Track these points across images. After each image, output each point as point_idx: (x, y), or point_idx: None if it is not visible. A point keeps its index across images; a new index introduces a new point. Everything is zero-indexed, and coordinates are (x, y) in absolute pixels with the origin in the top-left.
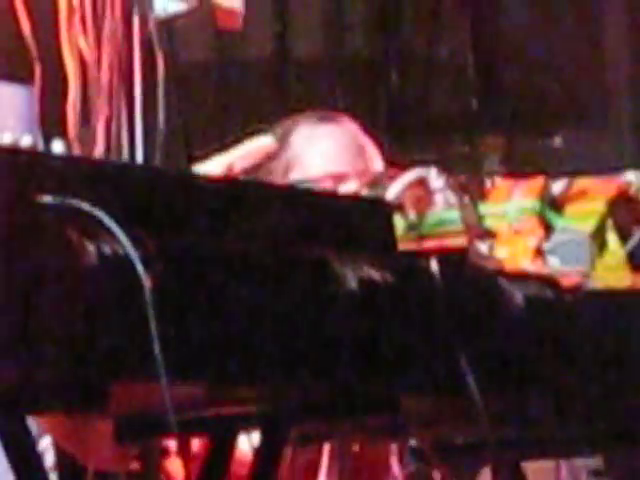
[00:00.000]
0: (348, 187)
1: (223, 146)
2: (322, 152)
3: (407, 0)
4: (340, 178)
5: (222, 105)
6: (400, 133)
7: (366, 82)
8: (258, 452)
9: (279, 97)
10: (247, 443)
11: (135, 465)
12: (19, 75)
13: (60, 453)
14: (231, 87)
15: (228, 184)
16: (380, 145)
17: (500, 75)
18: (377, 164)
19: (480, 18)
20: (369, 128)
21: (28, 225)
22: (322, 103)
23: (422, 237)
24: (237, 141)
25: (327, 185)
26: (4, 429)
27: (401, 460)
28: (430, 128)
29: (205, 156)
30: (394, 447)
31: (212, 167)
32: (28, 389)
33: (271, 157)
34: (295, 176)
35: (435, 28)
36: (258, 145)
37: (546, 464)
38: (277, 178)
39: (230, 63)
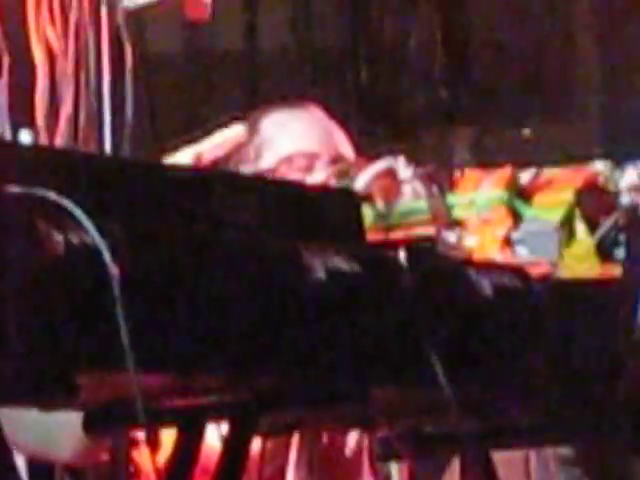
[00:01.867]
0: (316, 177)
1: (193, 137)
2: (292, 133)
3: None
4: (312, 156)
5: (191, 96)
6: (370, 124)
7: (336, 74)
8: (226, 442)
9: (248, 89)
10: (216, 434)
11: (104, 456)
12: None
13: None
14: (200, 79)
15: (196, 174)
16: (348, 132)
17: (469, 66)
18: (346, 148)
19: (449, 9)
20: (337, 116)
21: None
22: (291, 94)
23: (390, 227)
24: (207, 132)
25: (299, 163)
26: None
27: (371, 451)
28: (400, 119)
29: (175, 147)
30: (365, 438)
31: (182, 157)
32: None
33: (241, 146)
34: (267, 159)
35: (404, 19)
36: (229, 135)
37: (515, 454)
38: (248, 164)
39: (199, 55)
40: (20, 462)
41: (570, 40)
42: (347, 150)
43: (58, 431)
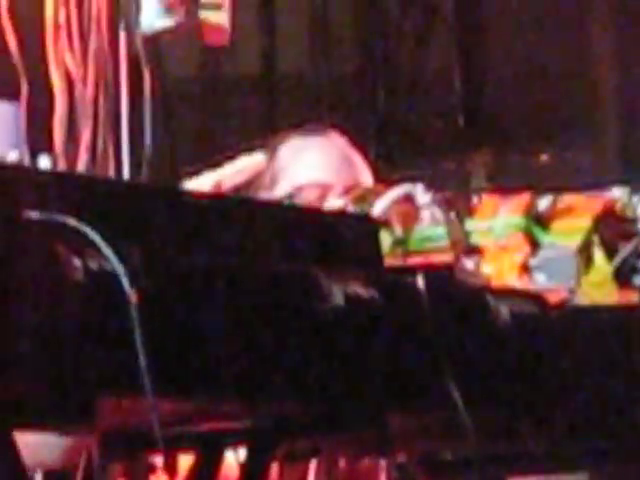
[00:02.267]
0: (334, 202)
1: (214, 163)
2: (308, 163)
3: (394, 17)
4: (325, 188)
5: (209, 121)
6: (387, 150)
7: (353, 98)
8: (244, 468)
9: (266, 113)
10: (234, 459)
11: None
12: (5, 91)
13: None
14: (218, 103)
15: (214, 200)
16: (368, 160)
17: (487, 92)
18: (366, 177)
19: (467, 35)
20: (357, 143)
21: (14, 240)
22: (309, 119)
23: (408, 253)
24: (228, 158)
25: (313, 194)
26: None
27: (389, 477)
28: (417, 145)
29: (196, 172)
30: (382, 464)
31: (202, 183)
32: (14, 405)
33: (260, 174)
34: (281, 187)
35: (422, 45)
36: (250, 162)
37: None
38: (264, 191)
39: (217, 79)
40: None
41: (588, 66)
42: (366, 179)
43: (36, 435)
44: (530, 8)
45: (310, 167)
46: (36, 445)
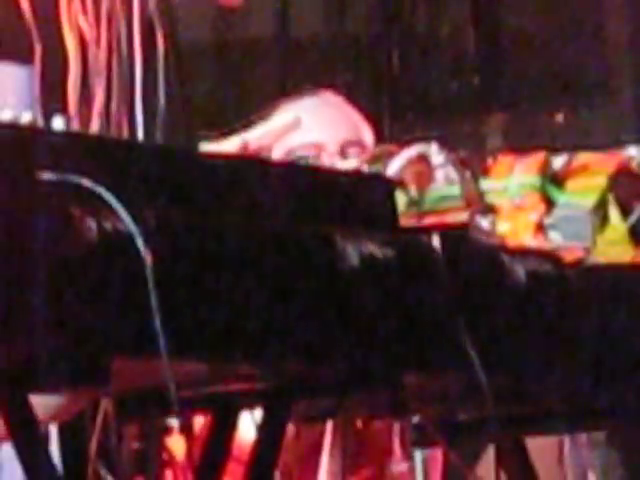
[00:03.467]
0: (349, 163)
1: (242, 125)
2: (303, 124)
3: None
4: (318, 147)
5: (223, 83)
6: (402, 112)
7: (367, 61)
8: (260, 429)
9: (280, 76)
10: (250, 423)
11: (137, 443)
12: (20, 54)
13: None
14: (232, 65)
15: (230, 161)
16: (368, 117)
17: (501, 53)
18: (365, 134)
19: None
20: (361, 102)
21: (28, 201)
22: (323, 81)
23: (423, 213)
24: (252, 121)
25: (301, 152)
26: (6, 407)
27: (403, 439)
28: (432, 107)
29: (224, 134)
30: (396, 425)
31: (228, 145)
32: (30, 367)
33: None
34: (276, 151)
35: (436, 7)
36: (280, 122)
37: (549, 439)
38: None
39: (231, 41)
40: (54, 449)
41: (602, 25)
42: (364, 135)
43: None
44: None
45: (301, 128)
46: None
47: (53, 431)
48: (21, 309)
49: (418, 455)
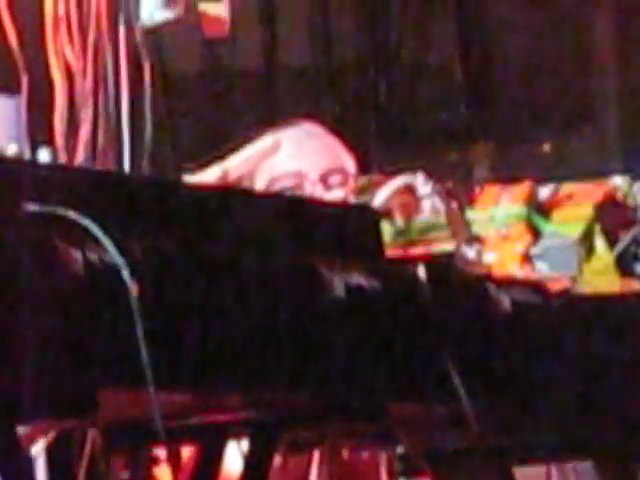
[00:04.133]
0: (335, 194)
1: (215, 156)
2: (281, 154)
3: (394, 8)
4: (300, 176)
5: (210, 114)
6: (389, 141)
7: (354, 91)
8: (247, 459)
9: (267, 106)
10: (236, 453)
11: (124, 473)
12: (6, 85)
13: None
14: (218, 96)
15: (214, 192)
16: (354, 147)
17: (489, 83)
18: (346, 162)
19: (468, 26)
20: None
21: (14, 233)
22: (310, 112)
23: (410, 243)
24: (232, 150)
25: (285, 184)
26: None
27: (390, 469)
28: (418, 136)
29: (198, 167)
30: (383, 455)
31: (209, 175)
32: (16, 398)
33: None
34: (259, 182)
35: (423, 36)
36: (255, 150)
37: (537, 469)
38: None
39: (217, 72)
40: (40, 463)
41: (588, 56)
42: (348, 164)
43: None
44: None
45: (284, 159)
46: None
47: (41, 461)
48: (7, 340)
49: None
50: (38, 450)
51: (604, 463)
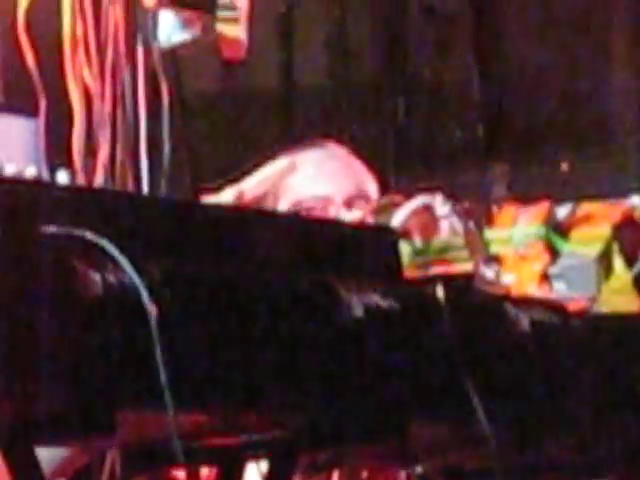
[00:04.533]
0: (354, 214)
1: (233, 178)
2: (305, 177)
3: (413, 29)
4: (325, 200)
5: (226, 135)
6: (407, 162)
7: (373, 111)
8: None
9: (285, 127)
10: (256, 474)
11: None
12: (25, 108)
13: None
14: (236, 117)
15: (233, 213)
16: (373, 168)
17: (506, 103)
18: (369, 186)
19: (486, 46)
20: (364, 154)
21: (33, 255)
22: (328, 132)
23: (428, 263)
24: (248, 171)
25: (312, 207)
26: (13, 461)
27: None
28: (436, 156)
29: (215, 188)
30: (403, 475)
31: (225, 196)
32: (36, 421)
33: (282, 182)
34: (282, 204)
35: (441, 56)
36: (271, 172)
37: None
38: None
39: (235, 93)
40: None
41: (606, 75)
42: (369, 187)
43: None
44: (549, 19)
45: (308, 181)
46: None
47: None
48: (27, 362)
49: None
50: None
51: None
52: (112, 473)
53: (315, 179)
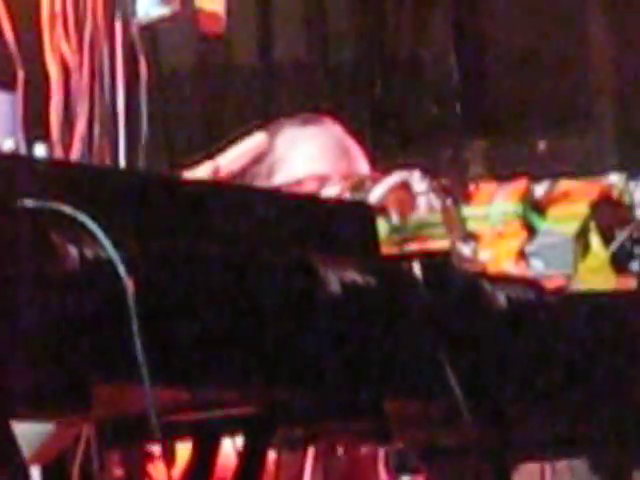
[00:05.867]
0: (331, 190)
1: (213, 150)
2: (305, 154)
3: (390, 4)
4: (323, 179)
5: (204, 110)
6: (384, 138)
7: (350, 87)
8: (242, 455)
9: (262, 103)
10: (231, 447)
11: (118, 470)
12: (2, 80)
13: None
14: (214, 93)
15: (211, 187)
16: (365, 148)
17: (484, 80)
18: (362, 165)
19: (463, 23)
20: (352, 131)
21: (10, 229)
22: (305, 108)
23: (405, 240)
24: (225, 146)
25: (311, 187)
26: None
27: (387, 463)
28: (414, 133)
29: (195, 161)
30: (381, 452)
31: (201, 171)
32: (10, 394)
33: (260, 159)
34: (279, 179)
35: (419, 34)
36: (249, 145)
37: (531, 466)
38: (261, 181)
39: (213, 69)
40: (34, 474)
41: (584, 52)
42: (363, 167)
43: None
44: None
45: (307, 159)
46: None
47: None
48: (2, 336)
49: None
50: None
51: (600, 461)
52: (87, 447)
53: (315, 157)
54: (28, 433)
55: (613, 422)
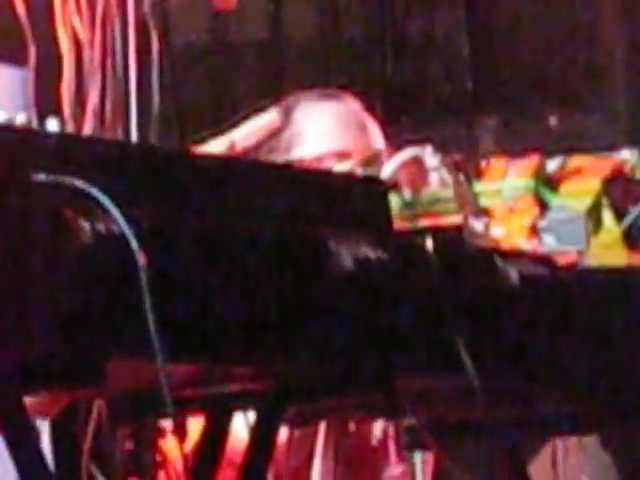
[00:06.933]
0: (343, 166)
1: (228, 126)
2: (323, 129)
3: None
4: (341, 155)
5: (216, 85)
6: (395, 114)
7: (361, 63)
8: (253, 431)
9: (273, 78)
10: (243, 424)
11: (130, 444)
12: (14, 56)
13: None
14: (225, 68)
15: (224, 162)
16: (381, 124)
17: (495, 56)
18: (378, 141)
19: (475, 0)
20: (368, 107)
21: (22, 203)
22: (317, 85)
23: (417, 215)
24: (240, 121)
25: (328, 163)
26: (1, 409)
27: (397, 439)
28: (426, 108)
29: (210, 135)
30: (391, 427)
31: (215, 146)
32: (24, 368)
33: (274, 134)
34: (297, 154)
35: (430, 10)
36: (263, 122)
37: (542, 443)
38: (279, 156)
39: (224, 44)
40: (46, 448)
41: (596, 28)
42: (380, 143)
43: None
44: None
45: (326, 134)
46: None
47: (46, 431)
48: (15, 310)
49: (418, 457)
50: (43, 420)
51: (611, 437)
52: (99, 421)
53: (336, 134)
54: None
55: (624, 397)
